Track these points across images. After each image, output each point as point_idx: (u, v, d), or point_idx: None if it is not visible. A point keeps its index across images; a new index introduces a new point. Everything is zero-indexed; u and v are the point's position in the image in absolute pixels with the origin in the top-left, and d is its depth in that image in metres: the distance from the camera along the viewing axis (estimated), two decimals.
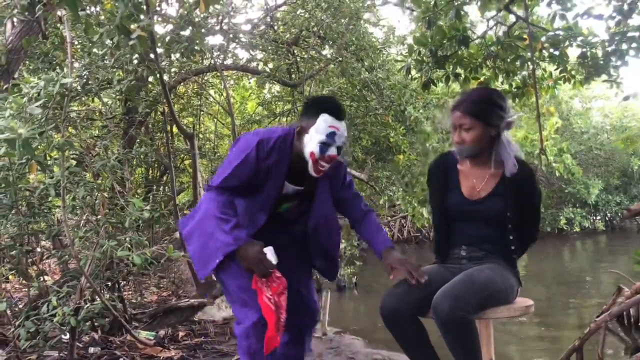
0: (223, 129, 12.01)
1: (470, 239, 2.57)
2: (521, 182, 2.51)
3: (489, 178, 2.55)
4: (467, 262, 2.55)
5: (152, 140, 7.16)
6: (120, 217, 4.15)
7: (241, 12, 9.68)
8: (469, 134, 2.46)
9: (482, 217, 2.53)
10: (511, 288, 2.49)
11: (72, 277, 4.27)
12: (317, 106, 2.49)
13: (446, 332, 2.24)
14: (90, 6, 4.58)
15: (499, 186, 2.53)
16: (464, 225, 2.58)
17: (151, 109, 6.70)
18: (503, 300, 2.44)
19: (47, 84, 3.41)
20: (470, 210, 2.55)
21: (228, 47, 9.36)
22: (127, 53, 4.25)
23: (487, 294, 2.33)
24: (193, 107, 9.85)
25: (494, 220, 2.52)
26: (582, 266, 12.73)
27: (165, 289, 7.40)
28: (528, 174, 2.55)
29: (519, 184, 2.50)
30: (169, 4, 7.26)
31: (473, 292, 2.27)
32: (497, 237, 2.53)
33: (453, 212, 2.60)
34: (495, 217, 2.51)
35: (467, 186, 2.57)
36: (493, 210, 2.52)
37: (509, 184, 2.50)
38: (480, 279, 2.35)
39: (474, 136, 2.46)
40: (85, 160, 4.39)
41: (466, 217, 2.57)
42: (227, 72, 10.39)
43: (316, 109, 2.46)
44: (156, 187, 9.03)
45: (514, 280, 2.51)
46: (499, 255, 2.54)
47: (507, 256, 2.55)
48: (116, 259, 4.27)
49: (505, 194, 2.50)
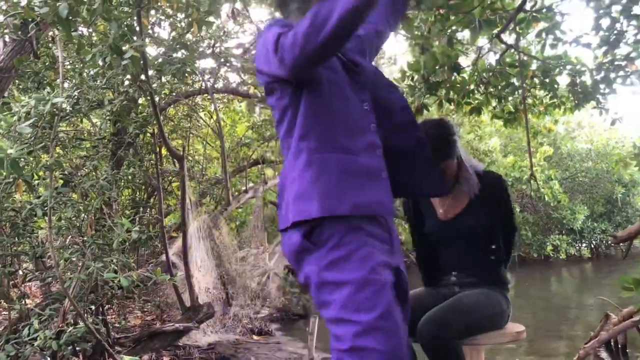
0: (212, 152, 11.98)
1: (459, 264, 2.55)
2: (492, 190, 2.51)
3: (461, 197, 2.53)
4: (459, 288, 2.52)
5: (141, 161, 7.11)
6: (107, 239, 4.09)
7: (232, 36, 9.75)
8: (445, 174, 2.44)
9: (462, 236, 2.52)
10: (501, 313, 2.45)
11: (55, 300, 4.18)
12: None
13: (431, 357, 2.21)
14: (83, 27, 4.59)
15: (472, 202, 2.52)
16: (449, 250, 2.57)
17: (141, 130, 6.67)
18: (493, 326, 2.40)
19: (38, 103, 3.38)
20: (448, 231, 2.54)
21: (219, 70, 9.41)
22: (119, 74, 4.24)
23: (474, 319, 2.30)
24: (183, 129, 9.83)
25: (474, 236, 2.51)
26: (569, 293, 12.75)
27: (150, 313, 7.27)
28: (496, 180, 2.56)
29: (491, 192, 2.51)
30: (162, 27, 7.30)
31: (458, 317, 2.25)
32: (483, 255, 2.52)
33: (433, 237, 2.59)
34: (474, 232, 2.50)
35: (442, 209, 2.58)
36: (470, 227, 2.50)
37: (480, 196, 2.50)
38: (468, 304, 2.33)
39: (450, 173, 2.46)
40: (73, 180, 4.33)
41: (448, 240, 2.56)
42: (218, 95, 10.41)
43: None
44: (143, 209, 8.94)
45: (505, 305, 2.48)
46: (490, 279, 2.52)
47: (498, 278, 2.53)
48: (101, 281, 4.19)
49: (479, 208, 2.50)
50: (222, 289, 7.84)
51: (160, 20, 6.69)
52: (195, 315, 5.29)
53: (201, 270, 7.15)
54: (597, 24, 4.41)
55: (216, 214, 8.54)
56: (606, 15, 4.35)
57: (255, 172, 12.17)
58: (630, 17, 4.26)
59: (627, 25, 4.33)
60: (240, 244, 9.12)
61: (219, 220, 8.30)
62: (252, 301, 8.19)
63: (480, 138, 13.09)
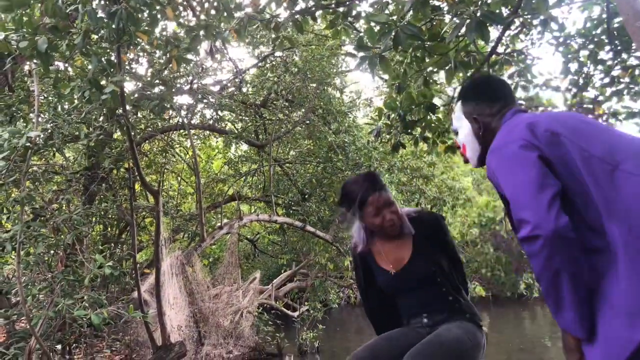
0: (187, 187, 11.90)
1: (427, 306, 2.53)
2: (431, 227, 2.51)
3: (403, 245, 2.51)
4: (431, 328, 2.51)
5: (115, 196, 7.01)
6: (77, 275, 3.98)
7: (210, 73, 9.84)
8: (394, 211, 2.43)
9: (420, 280, 2.51)
10: (478, 345, 2.45)
11: (20, 338, 4.03)
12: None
13: None
14: (60, 61, 4.57)
15: (417, 246, 2.49)
16: (409, 296, 2.55)
17: (115, 165, 6.60)
18: (473, 358, 2.40)
19: (12, 136, 3.33)
20: (405, 280, 2.51)
21: (196, 106, 9.45)
22: (96, 108, 4.22)
23: (455, 354, 2.29)
24: (157, 164, 9.76)
25: (430, 278, 2.50)
26: (543, 332, 12.79)
27: (119, 352, 7.04)
28: (433, 218, 2.56)
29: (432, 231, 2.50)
30: (139, 63, 7.33)
31: (442, 354, 2.24)
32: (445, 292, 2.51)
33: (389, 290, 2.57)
34: (429, 274, 2.49)
35: (389, 263, 2.53)
36: (424, 271, 2.49)
37: (422, 236, 2.50)
38: (449, 339, 2.32)
39: (398, 210, 2.45)
40: (44, 214, 4.24)
41: (405, 288, 2.54)
42: (194, 131, 10.42)
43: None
44: (114, 245, 8.76)
45: (480, 337, 2.48)
46: (460, 311, 2.51)
47: (467, 309, 2.52)
48: (69, 319, 4.06)
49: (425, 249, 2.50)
50: (194, 327, 7.66)
51: (138, 56, 6.72)
52: (167, 354, 5.15)
53: (174, 308, 7.00)
54: (566, 68, 4.58)
55: (190, 250, 8.42)
56: (574, 60, 4.53)
57: (230, 208, 12.09)
58: (597, 62, 4.44)
59: (594, 69, 4.52)
60: (213, 281, 8.97)
61: (192, 257, 8.18)
62: (225, 340, 8.01)
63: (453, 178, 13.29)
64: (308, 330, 9.28)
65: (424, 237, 2.48)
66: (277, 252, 13.83)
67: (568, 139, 1.56)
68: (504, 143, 1.63)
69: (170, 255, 7.50)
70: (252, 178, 12.11)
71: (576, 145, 1.54)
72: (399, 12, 3.53)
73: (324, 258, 10.67)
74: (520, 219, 1.47)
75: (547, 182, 1.48)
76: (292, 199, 11.21)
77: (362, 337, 9.37)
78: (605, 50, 4.36)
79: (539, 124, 1.60)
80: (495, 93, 1.89)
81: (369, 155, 9.69)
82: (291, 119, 10.79)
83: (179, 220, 9.88)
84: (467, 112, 1.93)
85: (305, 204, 10.52)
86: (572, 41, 4.67)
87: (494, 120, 1.85)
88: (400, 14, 3.38)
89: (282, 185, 11.64)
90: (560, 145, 1.55)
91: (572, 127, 1.59)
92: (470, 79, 2.01)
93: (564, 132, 1.57)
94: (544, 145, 1.55)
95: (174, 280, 7.18)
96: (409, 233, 2.49)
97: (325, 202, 10.65)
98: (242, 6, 4.35)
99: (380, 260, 2.56)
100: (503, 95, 1.88)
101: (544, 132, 1.58)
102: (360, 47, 3.24)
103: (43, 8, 3.22)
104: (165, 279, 6.82)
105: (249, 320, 8.66)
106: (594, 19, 4.58)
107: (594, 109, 4.55)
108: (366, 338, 2.75)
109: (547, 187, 1.47)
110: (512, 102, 1.88)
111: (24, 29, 3.27)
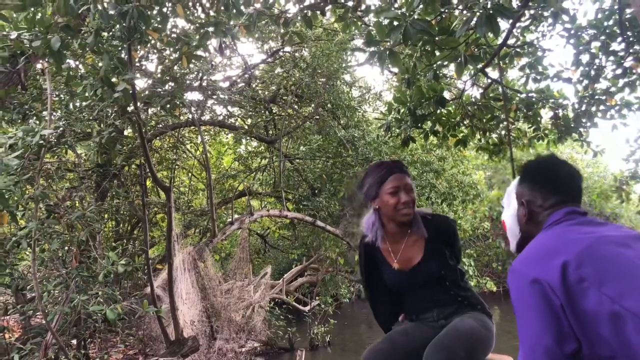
0: (198, 183, 11.95)
1: (437, 302, 2.55)
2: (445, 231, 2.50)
3: (415, 245, 2.50)
4: (444, 320, 2.53)
5: (127, 193, 7.07)
6: (92, 271, 4.03)
7: (220, 70, 9.85)
8: (412, 197, 2.41)
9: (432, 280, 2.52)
10: (491, 333, 2.49)
11: (36, 334, 4.09)
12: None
13: None
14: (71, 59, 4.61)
15: (429, 247, 2.48)
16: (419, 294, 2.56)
17: (127, 161, 6.65)
18: (487, 346, 2.42)
19: (26, 135, 3.37)
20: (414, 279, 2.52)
21: (206, 103, 9.48)
22: (108, 105, 4.25)
23: (472, 343, 2.32)
24: (168, 160, 9.81)
25: (442, 278, 2.52)
26: None
27: (132, 347, 7.11)
28: (447, 221, 2.55)
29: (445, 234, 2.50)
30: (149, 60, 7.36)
31: (461, 343, 2.27)
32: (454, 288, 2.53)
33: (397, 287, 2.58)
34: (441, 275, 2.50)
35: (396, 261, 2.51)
36: (436, 272, 2.49)
37: (435, 238, 2.48)
38: (465, 329, 2.35)
39: (415, 199, 2.43)
40: (58, 211, 4.29)
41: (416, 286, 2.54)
42: (205, 127, 10.46)
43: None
44: (127, 241, 8.84)
45: (491, 325, 2.51)
46: (470, 304, 2.54)
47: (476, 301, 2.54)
48: (84, 314, 4.11)
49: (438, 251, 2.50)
50: (207, 322, 7.71)
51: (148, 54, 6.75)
52: (180, 349, 5.19)
53: (186, 303, 7.05)
54: (577, 60, 4.55)
55: (201, 245, 8.47)
56: (586, 52, 4.49)
57: (241, 204, 12.14)
58: (609, 53, 4.40)
59: (606, 61, 4.48)
60: (225, 276, 9.01)
61: (204, 252, 8.23)
62: (237, 334, 8.06)
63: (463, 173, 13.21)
64: (319, 325, 9.31)
65: (437, 241, 2.48)
66: (288, 247, 13.87)
67: (595, 286, 1.24)
68: (524, 266, 1.38)
69: (182, 250, 7.54)
70: (263, 174, 12.14)
71: (604, 297, 1.23)
72: (408, 5, 3.52)
73: (334, 253, 10.69)
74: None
75: (547, 339, 1.28)
76: (302, 194, 11.23)
77: (373, 331, 9.39)
78: (617, 41, 4.32)
79: (571, 262, 1.29)
80: (557, 184, 1.61)
81: (378, 150, 9.68)
82: (300, 114, 10.79)
83: (191, 215, 9.94)
84: (519, 194, 1.69)
85: (315, 199, 10.53)
86: (583, 33, 4.63)
87: (542, 214, 1.60)
88: (410, 8, 3.37)
89: (292, 180, 11.67)
90: (585, 297, 1.25)
91: (601, 268, 1.27)
92: (539, 157, 1.78)
93: (590, 276, 1.26)
94: (567, 291, 1.26)
95: (186, 275, 7.22)
96: (422, 235, 2.46)
97: (335, 197, 10.66)
98: (252, 1, 4.35)
99: (388, 258, 2.55)
100: (565, 190, 1.61)
101: (573, 272, 1.27)
102: (369, 42, 3.23)
103: (55, 7, 3.25)
104: (177, 275, 6.87)
105: (260, 315, 8.70)
106: (606, 10, 4.54)
107: (606, 100, 4.52)
108: (377, 332, 2.76)
109: (545, 344, 1.28)
110: (573, 199, 1.59)
111: (37, 28, 3.30)
